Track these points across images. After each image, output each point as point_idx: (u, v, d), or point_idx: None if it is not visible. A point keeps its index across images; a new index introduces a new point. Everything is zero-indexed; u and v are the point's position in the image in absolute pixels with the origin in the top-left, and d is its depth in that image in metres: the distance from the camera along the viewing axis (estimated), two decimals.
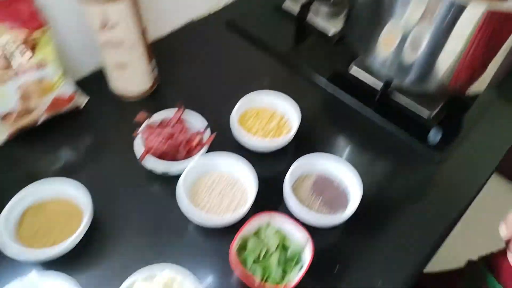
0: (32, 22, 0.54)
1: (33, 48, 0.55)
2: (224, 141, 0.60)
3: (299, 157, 0.56)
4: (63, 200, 0.52)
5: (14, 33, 0.53)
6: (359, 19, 0.63)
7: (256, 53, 0.78)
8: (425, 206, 0.59)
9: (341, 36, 0.78)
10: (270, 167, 0.60)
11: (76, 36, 0.64)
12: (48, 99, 0.59)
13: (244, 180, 0.56)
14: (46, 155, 0.60)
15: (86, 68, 0.69)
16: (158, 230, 0.53)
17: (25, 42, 0.54)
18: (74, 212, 0.51)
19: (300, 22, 0.79)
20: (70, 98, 0.62)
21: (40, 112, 0.59)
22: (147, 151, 0.55)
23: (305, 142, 0.63)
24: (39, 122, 0.61)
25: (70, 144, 0.62)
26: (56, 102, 0.60)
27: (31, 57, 0.55)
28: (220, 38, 0.80)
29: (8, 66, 0.53)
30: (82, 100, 0.65)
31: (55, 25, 0.59)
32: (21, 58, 0.54)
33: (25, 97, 0.56)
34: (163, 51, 0.73)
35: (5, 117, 0.57)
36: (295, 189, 0.56)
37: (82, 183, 0.52)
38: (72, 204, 0.52)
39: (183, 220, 0.53)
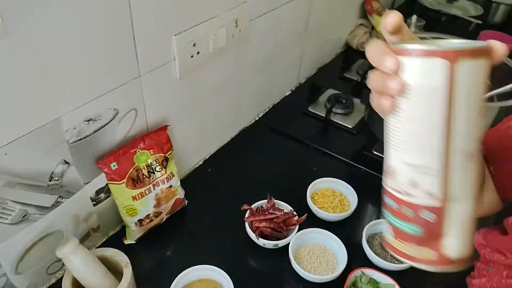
0: (166, 146, 0.73)
1: (165, 165, 0.73)
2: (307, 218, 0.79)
3: (359, 222, 0.77)
4: (206, 280, 0.67)
5: (155, 156, 0.71)
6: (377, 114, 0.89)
7: (297, 147, 1.01)
8: None
9: (359, 127, 1.04)
10: (342, 233, 0.79)
11: (181, 151, 0.83)
12: (171, 202, 0.76)
13: (330, 246, 0.75)
14: (173, 246, 0.75)
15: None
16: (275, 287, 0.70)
17: (161, 161, 0.72)
18: (217, 286, 0.67)
19: (327, 121, 1.05)
20: (183, 199, 0.79)
21: (165, 213, 0.76)
22: (261, 231, 0.73)
23: (360, 211, 0.84)
24: (163, 221, 0.77)
25: (190, 235, 0.78)
26: (175, 203, 0.77)
27: (165, 172, 0.73)
28: (269, 141, 1.02)
29: (150, 181, 0.71)
30: (185, 200, 0.82)
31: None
32: (159, 173, 0.72)
33: (158, 203, 0.73)
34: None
35: (141, 221, 0.73)
36: (370, 246, 0.75)
37: (212, 263, 0.68)
38: (215, 282, 0.67)
39: (294, 279, 0.70)
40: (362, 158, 0.97)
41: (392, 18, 0.33)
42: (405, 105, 0.32)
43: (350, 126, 1.05)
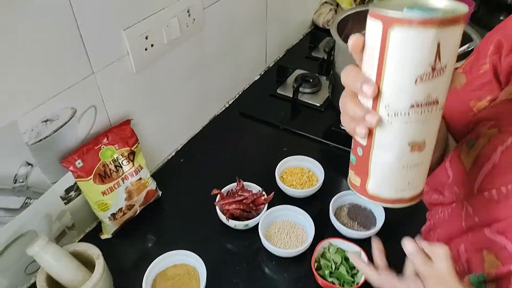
0: (131, 140, 0.75)
1: (132, 158, 0.75)
2: (274, 195, 0.82)
3: (327, 196, 0.80)
4: (181, 265, 0.70)
5: (121, 150, 0.73)
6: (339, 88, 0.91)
7: (268, 130, 1.03)
8: None
9: (327, 105, 1.06)
10: (311, 207, 0.82)
11: (152, 144, 0.85)
12: (143, 194, 0.78)
13: (299, 220, 0.78)
14: (149, 236, 0.78)
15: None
16: (249, 266, 0.72)
17: (128, 155, 0.74)
18: (191, 270, 0.69)
19: (294, 101, 1.07)
20: (156, 190, 0.81)
21: (138, 205, 0.78)
22: (231, 213, 0.75)
23: (328, 185, 0.87)
24: (137, 213, 0.79)
25: (165, 224, 0.80)
26: (148, 195, 0.79)
27: (132, 165, 0.75)
28: (239, 126, 1.04)
29: (118, 175, 0.73)
30: (159, 190, 0.84)
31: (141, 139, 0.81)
32: (126, 167, 0.74)
33: (129, 196, 0.75)
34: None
35: (115, 215, 0.75)
36: (337, 217, 0.78)
37: (188, 248, 0.71)
38: (188, 266, 0.70)
39: (266, 256, 0.73)
40: (331, 134, 0.99)
41: (352, 40, 0.35)
42: (362, 60, 0.36)
43: (318, 104, 1.07)
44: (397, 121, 0.35)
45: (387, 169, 0.39)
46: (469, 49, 0.86)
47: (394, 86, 0.34)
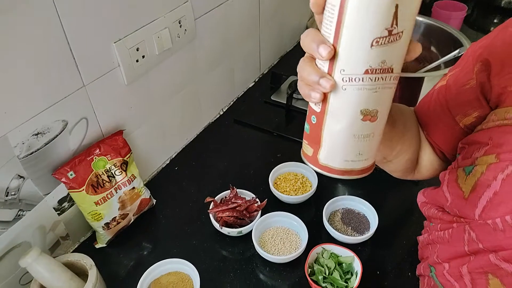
0: (124, 150, 0.75)
1: (125, 168, 0.76)
2: (268, 202, 0.82)
3: (321, 201, 0.80)
4: (175, 273, 0.70)
5: (113, 160, 0.74)
6: None
7: (262, 137, 1.03)
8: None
9: None
10: (305, 213, 0.83)
11: (145, 152, 0.86)
12: (137, 203, 0.78)
13: (292, 226, 0.78)
14: (144, 244, 0.78)
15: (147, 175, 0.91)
16: (243, 272, 0.73)
17: (120, 165, 0.75)
18: (185, 278, 0.70)
19: (288, 108, 1.08)
20: (150, 199, 0.82)
21: (132, 214, 0.78)
22: (224, 221, 0.76)
23: (322, 191, 0.87)
24: (131, 222, 0.79)
25: (159, 232, 0.81)
26: (141, 203, 0.80)
27: (125, 175, 0.75)
28: (234, 133, 1.05)
29: (111, 185, 0.74)
30: (153, 199, 0.85)
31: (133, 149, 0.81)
32: (119, 177, 0.75)
33: (123, 206, 0.76)
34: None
35: (108, 225, 0.75)
36: (330, 223, 0.78)
37: (182, 256, 0.71)
38: (182, 274, 0.70)
39: (260, 263, 0.73)
40: None
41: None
42: (322, 22, 0.35)
43: None
44: (351, 87, 0.35)
45: (338, 138, 0.38)
46: (459, 54, 0.86)
47: (350, 48, 0.33)
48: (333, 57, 0.34)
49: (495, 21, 1.51)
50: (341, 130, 0.38)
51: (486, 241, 0.45)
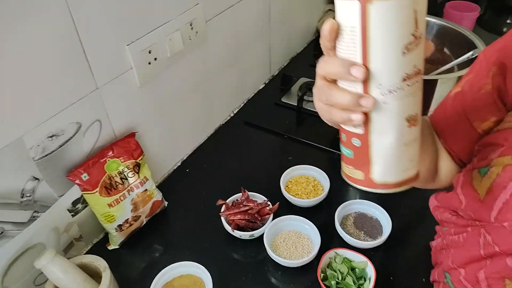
0: (136, 152, 0.76)
1: (137, 170, 0.76)
2: (279, 205, 0.82)
3: (333, 205, 0.79)
4: (187, 276, 0.70)
5: (126, 163, 0.74)
6: None
7: (273, 139, 1.03)
8: None
9: None
10: (317, 216, 0.82)
11: (157, 154, 0.86)
12: (149, 205, 0.79)
13: (304, 230, 0.77)
14: (156, 246, 0.79)
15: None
16: (255, 276, 0.72)
17: (133, 167, 0.75)
18: (197, 281, 0.70)
19: (299, 110, 1.07)
20: (161, 201, 0.82)
21: (144, 216, 0.79)
22: (236, 224, 0.76)
23: (333, 194, 0.86)
24: (143, 224, 0.80)
25: (171, 234, 0.81)
26: (154, 206, 0.80)
27: (138, 177, 0.76)
28: (244, 135, 1.05)
29: (124, 187, 0.74)
30: (165, 201, 0.85)
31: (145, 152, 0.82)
32: (132, 179, 0.75)
33: (135, 208, 0.76)
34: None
35: (121, 226, 0.76)
36: (343, 227, 0.77)
37: (194, 259, 0.71)
38: (194, 277, 0.70)
39: (272, 266, 0.73)
40: (335, 142, 0.98)
41: (327, 26, 0.34)
42: (338, 42, 0.35)
43: None
44: (392, 98, 0.35)
45: (391, 152, 0.38)
46: (473, 56, 0.85)
47: (384, 62, 0.34)
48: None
49: (508, 21, 1.49)
50: (392, 143, 0.37)
51: (503, 244, 0.44)
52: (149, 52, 0.73)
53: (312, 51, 1.33)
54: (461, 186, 0.52)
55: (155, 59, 0.75)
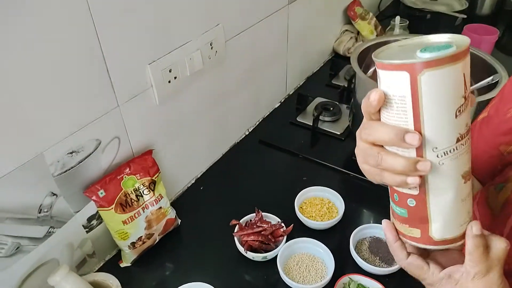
0: (152, 170, 0.76)
1: (153, 187, 0.76)
2: (294, 226, 0.81)
3: (347, 228, 0.78)
4: None
5: (142, 180, 0.74)
6: (360, 117, 0.91)
7: (287, 158, 1.03)
8: None
9: (348, 133, 1.06)
10: (331, 239, 0.81)
11: (172, 172, 0.86)
12: (163, 223, 0.78)
13: (318, 254, 0.76)
14: (167, 265, 0.78)
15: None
16: None
17: (149, 185, 0.75)
18: None
19: (314, 129, 1.07)
20: (175, 219, 0.82)
21: (157, 234, 0.78)
22: (249, 245, 0.75)
23: (348, 217, 0.85)
24: (156, 242, 0.79)
25: (183, 253, 0.80)
26: (167, 223, 0.80)
27: (153, 195, 0.76)
28: (259, 154, 1.05)
29: (139, 204, 0.74)
30: (178, 219, 0.85)
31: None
32: (147, 196, 0.75)
33: (149, 225, 0.76)
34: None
35: (134, 244, 0.75)
36: (357, 251, 0.76)
37: (205, 279, 0.70)
38: None
39: None
40: (350, 163, 0.98)
41: (375, 96, 0.35)
42: (385, 110, 0.36)
43: (338, 133, 1.07)
44: (447, 159, 0.36)
45: (449, 208, 0.38)
46: (493, 81, 0.84)
47: (438, 127, 0.34)
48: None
49: None
50: (451, 201, 0.38)
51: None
52: (170, 71, 0.74)
53: (328, 71, 1.33)
54: (477, 203, 0.51)
55: (175, 77, 0.76)
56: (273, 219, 0.81)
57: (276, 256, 0.74)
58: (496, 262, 0.38)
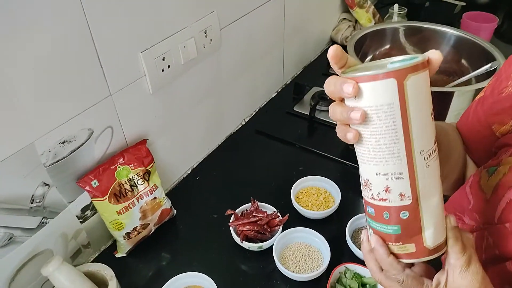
0: (147, 160, 0.75)
1: (147, 177, 0.75)
2: (290, 216, 0.81)
3: (343, 218, 0.78)
4: (193, 287, 0.69)
5: (136, 170, 0.74)
6: None
7: (284, 148, 1.02)
8: None
9: None
10: (327, 229, 0.80)
11: (167, 162, 0.86)
12: (158, 213, 0.78)
13: (314, 243, 0.76)
14: (163, 255, 0.78)
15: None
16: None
17: (143, 175, 0.74)
18: None
19: (311, 119, 1.06)
20: (170, 209, 0.81)
21: (152, 224, 0.78)
22: (245, 235, 0.74)
23: (345, 207, 0.85)
24: (151, 232, 0.79)
25: (179, 243, 0.80)
26: (162, 214, 0.79)
27: (147, 185, 0.75)
28: (255, 144, 1.04)
29: (133, 195, 0.73)
30: (174, 209, 0.84)
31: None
32: (141, 186, 0.74)
33: (144, 215, 0.75)
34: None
35: (129, 234, 0.75)
36: (354, 241, 0.76)
37: (201, 269, 0.70)
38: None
39: (281, 279, 0.71)
40: (347, 153, 0.97)
41: (332, 50, 0.36)
42: (369, 124, 0.36)
43: (335, 122, 1.06)
44: (431, 160, 0.37)
45: (438, 210, 0.38)
46: (492, 68, 0.83)
47: (422, 130, 0.35)
48: (409, 145, 0.35)
49: None
50: (438, 202, 0.38)
51: (502, 246, 0.43)
52: (163, 60, 0.73)
53: (325, 60, 1.32)
54: (470, 185, 0.51)
55: (169, 66, 0.75)
56: (269, 208, 0.81)
57: (272, 245, 0.74)
58: (472, 250, 0.39)
